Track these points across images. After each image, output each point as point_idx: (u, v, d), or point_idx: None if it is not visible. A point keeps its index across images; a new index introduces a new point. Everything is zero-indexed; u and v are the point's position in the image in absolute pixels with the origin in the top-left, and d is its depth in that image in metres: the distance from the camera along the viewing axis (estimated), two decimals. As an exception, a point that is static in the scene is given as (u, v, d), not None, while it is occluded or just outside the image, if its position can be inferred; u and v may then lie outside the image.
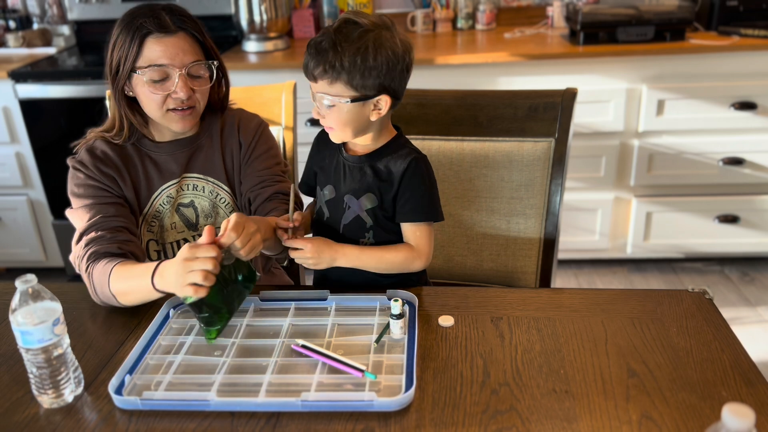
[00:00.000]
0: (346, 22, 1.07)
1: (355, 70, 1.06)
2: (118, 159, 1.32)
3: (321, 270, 1.19)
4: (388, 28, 1.09)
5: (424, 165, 1.17)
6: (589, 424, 0.86)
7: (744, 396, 0.90)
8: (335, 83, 1.08)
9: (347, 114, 1.10)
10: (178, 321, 1.14)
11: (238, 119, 1.39)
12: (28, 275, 0.91)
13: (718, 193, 2.52)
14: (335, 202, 1.20)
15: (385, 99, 1.10)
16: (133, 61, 1.23)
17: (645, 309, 1.11)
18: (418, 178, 1.15)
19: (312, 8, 2.85)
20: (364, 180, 1.17)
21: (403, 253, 1.17)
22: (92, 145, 1.32)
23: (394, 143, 1.19)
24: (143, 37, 1.22)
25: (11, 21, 2.93)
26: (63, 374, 0.94)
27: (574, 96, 1.46)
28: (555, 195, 1.49)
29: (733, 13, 2.53)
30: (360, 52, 1.05)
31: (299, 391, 0.92)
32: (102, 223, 1.24)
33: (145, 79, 1.23)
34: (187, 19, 1.26)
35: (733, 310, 2.43)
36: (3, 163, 2.67)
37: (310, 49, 1.09)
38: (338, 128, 1.13)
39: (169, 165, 1.35)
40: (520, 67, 2.37)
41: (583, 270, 2.74)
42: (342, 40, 1.05)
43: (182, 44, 1.24)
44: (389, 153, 1.17)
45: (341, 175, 1.20)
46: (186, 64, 1.24)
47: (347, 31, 1.06)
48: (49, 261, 2.86)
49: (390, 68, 1.08)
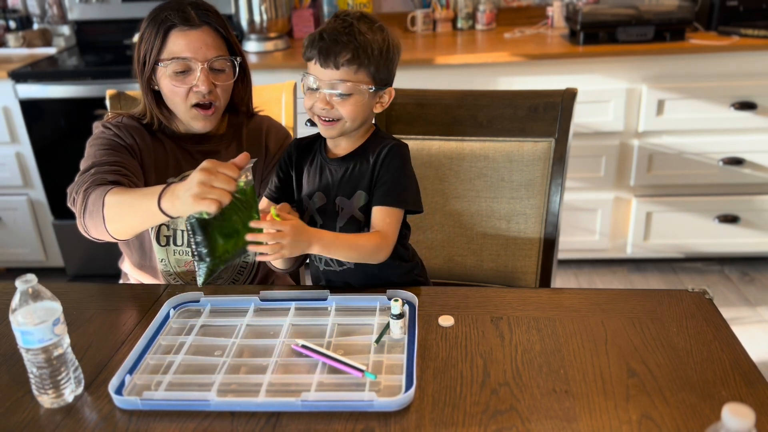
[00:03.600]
0: (364, 15, 1.10)
1: (381, 60, 1.09)
2: (144, 134, 1.34)
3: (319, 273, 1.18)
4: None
5: (403, 151, 1.17)
6: (589, 424, 0.86)
7: (744, 396, 0.90)
8: (360, 71, 1.09)
9: (362, 104, 1.12)
10: (178, 321, 1.14)
11: (266, 126, 1.41)
12: (28, 275, 0.91)
13: (718, 193, 2.52)
14: (326, 207, 1.20)
15: (389, 92, 1.15)
16: (158, 54, 1.25)
17: (645, 309, 1.11)
18: (395, 162, 1.15)
19: (312, 8, 2.86)
20: (352, 179, 1.17)
21: (374, 240, 1.13)
22: (121, 119, 1.34)
23: (375, 137, 1.20)
24: (168, 29, 1.24)
25: (11, 21, 2.93)
26: (63, 374, 0.94)
27: (574, 96, 1.46)
28: (555, 195, 1.49)
29: (733, 13, 2.53)
30: (384, 45, 1.09)
31: (299, 391, 0.92)
32: (116, 164, 1.24)
33: (168, 71, 1.24)
34: (212, 14, 1.27)
35: (733, 310, 2.43)
36: (3, 163, 2.67)
37: (329, 36, 1.07)
38: (348, 118, 1.12)
39: (191, 154, 1.36)
40: (520, 67, 2.37)
41: (583, 270, 2.74)
42: (367, 30, 1.08)
43: (206, 38, 1.25)
44: (372, 146, 1.18)
45: (328, 179, 1.20)
46: (209, 58, 1.25)
47: (369, 23, 1.09)
48: (49, 261, 2.86)
49: (395, 64, 1.14)
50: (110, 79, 2.47)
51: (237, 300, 1.17)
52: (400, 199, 1.15)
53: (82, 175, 1.23)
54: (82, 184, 1.19)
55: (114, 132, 1.30)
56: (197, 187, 0.99)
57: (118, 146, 1.29)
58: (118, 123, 1.32)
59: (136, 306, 1.20)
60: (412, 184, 1.18)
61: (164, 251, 1.37)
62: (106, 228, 1.14)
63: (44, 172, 2.67)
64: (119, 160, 1.25)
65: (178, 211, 1.05)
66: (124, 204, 1.12)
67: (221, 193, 0.99)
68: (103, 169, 1.21)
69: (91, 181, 1.19)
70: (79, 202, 1.17)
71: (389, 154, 1.15)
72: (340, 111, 1.11)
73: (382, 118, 1.57)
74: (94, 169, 1.21)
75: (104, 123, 1.33)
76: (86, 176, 1.21)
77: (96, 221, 1.14)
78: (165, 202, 1.06)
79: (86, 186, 1.18)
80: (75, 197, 1.20)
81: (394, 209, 1.15)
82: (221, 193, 0.99)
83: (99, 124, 1.34)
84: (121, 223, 1.14)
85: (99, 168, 1.22)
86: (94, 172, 1.21)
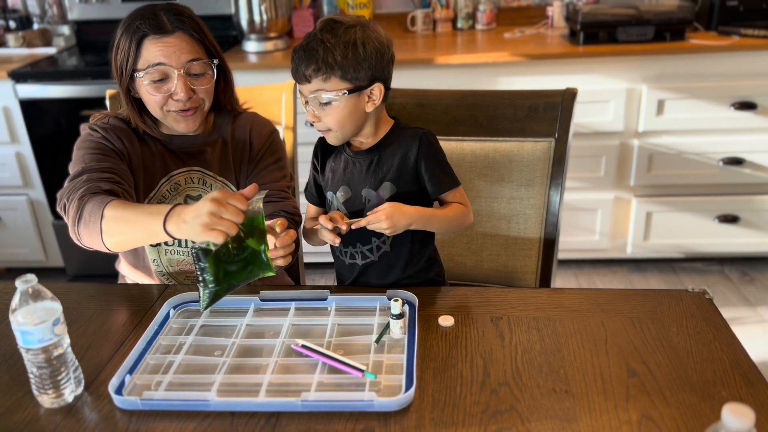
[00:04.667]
0: (329, 23, 1.11)
1: (348, 63, 1.09)
2: (131, 135, 1.33)
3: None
4: (367, 24, 1.13)
5: (430, 138, 1.20)
6: (589, 424, 0.86)
7: (744, 396, 0.90)
8: (330, 79, 1.10)
9: (345, 108, 1.12)
10: (178, 321, 1.14)
11: (251, 123, 1.40)
12: (28, 275, 0.91)
13: (718, 193, 2.52)
14: (352, 201, 1.21)
15: (379, 87, 1.14)
16: (133, 63, 1.24)
17: (645, 309, 1.11)
18: (434, 150, 1.20)
19: (312, 8, 2.85)
20: (378, 171, 1.19)
21: (460, 209, 1.21)
22: (109, 120, 1.34)
23: (396, 129, 1.22)
24: (141, 39, 1.23)
25: (11, 21, 2.93)
26: (63, 374, 0.94)
27: (574, 96, 1.46)
28: (555, 195, 1.49)
29: (733, 13, 2.53)
30: (350, 46, 1.09)
31: (299, 391, 0.92)
32: (107, 170, 1.23)
33: (146, 80, 1.23)
34: (186, 18, 1.26)
35: (733, 310, 2.43)
36: (3, 163, 2.67)
37: (297, 54, 1.12)
38: (337, 126, 1.15)
39: (179, 155, 1.36)
40: (520, 67, 2.37)
41: (583, 270, 2.74)
42: (330, 37, 1.09)
43: (180, 43, 1.24)
44: (395, 139, 1.20)
45: (353, 173, 1.21)
46: (183, 62, 1.24)
47: (332, 29, 1.10)
48: (49, 261, 2.86)
49: (378, 58, 1.12)
50: (110, 79, 2.39)
51: (237, 300, 1.17)
52: (453, 179, 1.22)
53: (72, 180, 1.21)
54: (74, 191, 1.18)
55: (101, 135, 1.29)
56: (206, 217, 0.98)
57: (108, 150, 1.28)
58: (105, 125, 1.31)
59: (136, 306, 1.20)
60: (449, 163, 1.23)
61: (156, 251, 1.37)
62: (103, 240, 1.13)
63: (44, 172, 2.67)
64: (110, 165, 1.24)
65: (183, 234, 1.05)
66: (126, 220, 1.10)
67: (229, 225, 0.99)
68: (95, 176, 1.20)
69: (85, 189, 1.17)
70: (73, 211, 1.16)
71: (423, 144, 1.18)
72: (325, 121, 1.14)
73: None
74: (86, 176, 1.20)
75: (91, 125, 1.32)
76: (78, 182, 1.20)
77: (92, 232, 1.13)
78: (171, 224, 1.05)
79: (80, 194, 1.16)
80: (67, 204, 1.19)
81: (455, 190, 1.22)
82: (229, 225, 0.99)
83: (86, 126, 1.32)
84: (121, 237, 1.13)
85: (90, 175, 1.21)
86: (87, 179, 1.19)
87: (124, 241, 1.14)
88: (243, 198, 1.00)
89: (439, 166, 1.20)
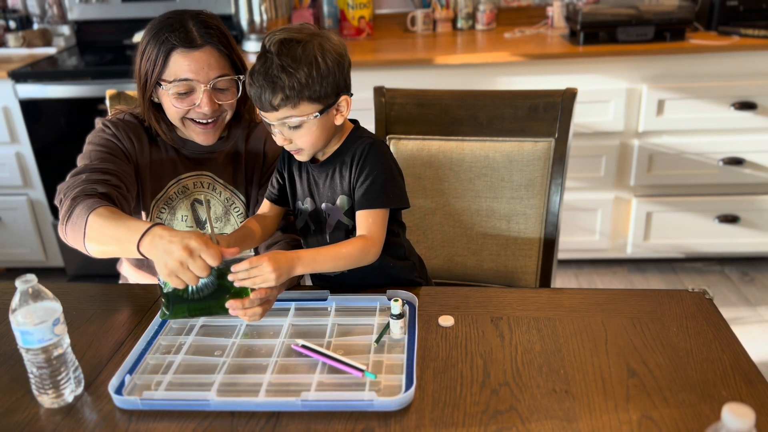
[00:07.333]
0: (283, 43, 1.05)
1: (314, 82, 1.04)
2: (143, 134, 1.33)
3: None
4: (320, 34, 1.08)
5: (376, 148, 1.14)
6: (589, 424, 0.86)
7: (744, 396, 0.90)
8: (299, 104, 1.06)
9: (317, 128, 1.09)
10: (178, 321, 1.14)
11: (266, 134, 1.39)
12: (28, 275, 0.91)
13: (718, 193, 2.52)
14: (316, 213, 1.20)
15: (345, 99, 1.10)
16: (159, 74, 1.22)
17: (645, 309, 1.11)
18: (371, 162, 1.12)
19: (312, 8, 2.86)
20: (333, 183, 1.16)
21: (358, 245, 1.10)
22: (123, 116, 1.34)
23: (352, 136, 1.17)
24: (169, 51, 1.21)
25: (11, 21, 2.93)
26: (63, 374, 0.94)
27: (574, 96, 1.46)
28: (555, 195, 1.49)
29: (733, 13, 2.54)
30: (312, 65, 1.04)
31: (299, 391, 0.92)
32: (109, 171, 1.23)
33: (170, 92, 1.22)
34: (214, 31, 1.24)
35: (733, 310, 2.43)
36: (3, 163, 2.67)
37: (257, 81, 1.05)
38: (308, 146, 1.11)
39: (190, 159, 1.36)
40: (520, 67, 2.37)
41: (583, 270, 2.74)
42: (289, 61, 1.03)
43: (208, 59, 1.22)
44: (349, 147, 1.15)
45: (314, 186, 1.19)
46: (211, 78, 1.23)
47: (289, 51, 1.04)
48: (49, 261, 2.86)
49: (340, 69, 1.08)
50: (110, 79, 2.47)
51: (237, 300, 1.17)
52: (380, 199, 1.12)
53: (73, 176, 1.21)
54: (72, 188, 1.18)
55: (113, 132, 1.30)
56: (173, 263, 0.98)
57: (115, 149, 1.28)
58: (118, 122, 1.32)
59: (136, 306, 1.20)
60: (393, 181, 1.14)
61: None
62: (85, 244, 1.13)
63: (44, 172, 2.67)
64: (113, 167, 1.24)
65: (152, 258, 1.03)
66: (106, 230, 1.09)
67: (191, 277, 0.99)
68: (94, 177, 1.20)
69: (81, 189, 1.17)
70: (64, 209, 1.15)
71: (363, 155, 1.12)
72: (297, 143, 1.10)
73: (383, 118, 1.57)
74: (86, 175, 1.20)
75: (104, 121, 1.32)
76: (77, 180, 1.19)
77: (76, 234, 1.13)
78: (144, 244, 1.04)
79: (75, 193, 1.16)
80: (62, 199, 1.18)
81: (377, 210, 1.13)
82: (191, 277, 0.99)
83: (100, 120, 1.33)
84: (100, 247, 1.12)
85: (90, 174, 1.20)
86: (85, 178, 1.19)
87: (103, 251, 1.13)
88: (218, 255, 0.99)
89: (370, 179, 1.12)
